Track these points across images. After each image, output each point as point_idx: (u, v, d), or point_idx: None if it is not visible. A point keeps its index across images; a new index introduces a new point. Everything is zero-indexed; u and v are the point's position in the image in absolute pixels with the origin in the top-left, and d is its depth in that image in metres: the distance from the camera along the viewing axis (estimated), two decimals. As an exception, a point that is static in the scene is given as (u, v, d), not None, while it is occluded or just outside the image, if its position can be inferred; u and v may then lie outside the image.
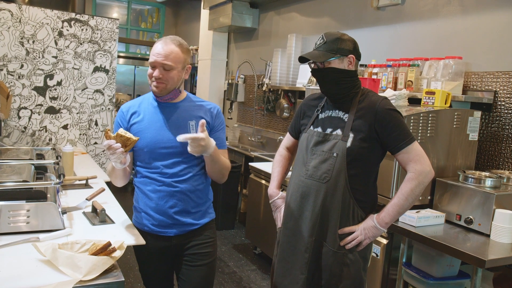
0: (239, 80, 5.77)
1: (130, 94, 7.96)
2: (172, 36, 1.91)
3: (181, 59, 1.86)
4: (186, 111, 1.94)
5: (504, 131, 2.68)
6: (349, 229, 1.83)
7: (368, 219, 1.84)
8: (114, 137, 1.72)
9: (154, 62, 1.83)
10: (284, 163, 2.19)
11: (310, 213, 1.87)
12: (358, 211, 1.84)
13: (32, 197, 1.83)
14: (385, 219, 1.80)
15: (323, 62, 1.82)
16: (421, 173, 1.76)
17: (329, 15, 4.26)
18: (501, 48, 2.71)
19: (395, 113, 1.80)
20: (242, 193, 5.21)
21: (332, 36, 1.83)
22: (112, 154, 1.73)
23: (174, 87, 1.88)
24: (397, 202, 1.79)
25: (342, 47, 1.81)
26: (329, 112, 1.92)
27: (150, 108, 1.95)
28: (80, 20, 4.19)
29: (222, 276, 3.73)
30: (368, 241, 1.83)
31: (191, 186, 1.92)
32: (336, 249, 1.83)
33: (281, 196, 2.12)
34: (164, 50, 1.83)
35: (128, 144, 1.74)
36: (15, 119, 4.03)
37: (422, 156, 1.78)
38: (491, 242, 2.19)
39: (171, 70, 1.84)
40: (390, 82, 3.05)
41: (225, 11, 5.43)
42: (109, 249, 1.52)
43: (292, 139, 2.16)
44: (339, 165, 1.80)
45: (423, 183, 1.77)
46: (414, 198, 1.78)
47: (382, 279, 2.52)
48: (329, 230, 1.84)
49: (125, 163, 1.82)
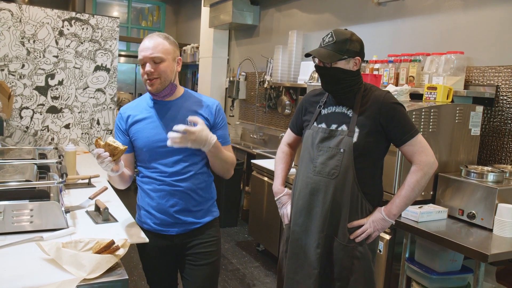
0: (241, 77, 5.76)
1: (132, 92, 7.97)
2: (158, 32, 1.90)
3: (169, 50, 1.84)
4: (184, 108, 1.92)
5: (506, 126, 2.67)
6: (358, 222, 1.85)
7: (376, 212, 1.87)
8: (103, 145, 1.72)
9: (143, 58, 1.81)
10: (287, 159, 2.19)
11: (320, 209, 1.88)
12: (366, 205, 1.87)
13: (35, 197, 1.84)
14: (393, 210, 1.83)
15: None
16: (426, 164, 1.80)
17: (330, 11, 4.25)
18: (503, 42, 2.70)
19: (399, 107, 1.82)
20: (244, 191, 5.21)
21: (342, 35, 1.82)
22: (101, 163, 1.72)
23: (168, 80, 1.86)
24: (404, 193, 1.82)
25: (351, 48, 1.81)
26: (333, 108, 1.92)
27: (147, 108, 1.94)
28: (80, 19, 4.19)
29: (226, 273, 3.74)
30: (377, 233, 1.87)
31: (192, 184, 1.91)
32: (346, 242, 1.85)
33: (287, 193, 2.13)
34: (151, 44, 1.81)
35: (116, 153, 1.73)
36: (17, 119, 4.04)
37: (426, 148, 1.82)
38: (493, 236, 2.19)
39: (161, 63, 1.81)
40: (392, 77, 3.05)
41: (226, 8, 5.42)
42: (112, 248, 1.52)
43: (294, 135, 2.16)
44: (346, 160, 1.82)
45: (428, 174, 1.80)
46: (420, 189, 1.81)
47: (385, 275, 2.52)
48: (339, 224, 1.86)
49: (117, 171, 1.79)
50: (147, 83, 1.85)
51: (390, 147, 1.91)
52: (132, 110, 1.96)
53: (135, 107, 1.97)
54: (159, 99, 1.92)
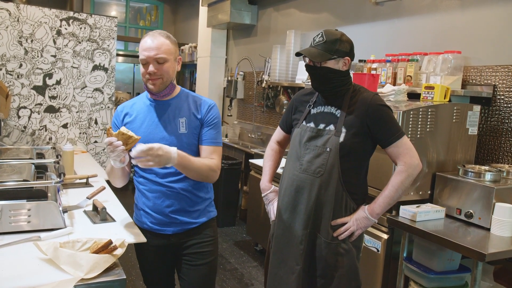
0: (239, 77, 5.76)
1: (130, 92, 7.95)
2: (158, 30, 1.89)
3: (172, 50, 1.84)
4: (177, 108, 1.91)
5: (503, 125, 2.68)
6: (341, 220, 1.88)
7: (359, 210, 1.89)
8: (115, 134, 1.71)
9: (146, 58, 1.80)
10: (275, 157, 2.22)
11: (304, 207, 1.90)
12: (351, 203, 1.89)
13: (33, 196, 1.84)
14: (376, 210, 1.86)
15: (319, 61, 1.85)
16: (410, 166, 1.83)
17: (328, 11, 4.26)
18: (500, 42, 2.70)
19: (386, 109, 1.85)
20: (242, 190, 5.21)
21: (332, 36, 1.85)
22: (112, 152, 1.71)
23: (170, 80, 1.87)
24: (388, 194, 1.85)
25: (340, 48, 1.84)
26: (321, 108, 1.95)
27: (143, 107, 1.94)
28: (78, 19, 4.18)
29: (224, 273, 3.74)
30: (360, 231, 1.89)
31: (187, 185, 1.90)
32: (330, 240, 1.87)
33: (274, 190, 2.16)
34: (154, 43, 1.80)
35: (129, 142, 1.73)
36: (15, 118, 4.04)
37: (411, 150, 1.85)
38: (491, 235, 2.19)
39: (164, 63, 1.81)
40: (389, 77, 3.05)
41: (224, 8, 5.42)
42: (110, 247, 1.52)
43: (283, 133, 2.19)
44: (332, 159, 1.84)
45: (412, 176, 1.84)
46: (403, 190, 1.85)
47: (383, 274, 2.52)
48: (322, 222, 1.88)
49: (124, 162, 1.80)
50: (149, 83, 1.84)
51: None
52: (129, 109, 1.96)
53: (131, 106, 1.97)
54: (157, 99, 1.92)
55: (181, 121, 1.89)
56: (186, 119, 1.89)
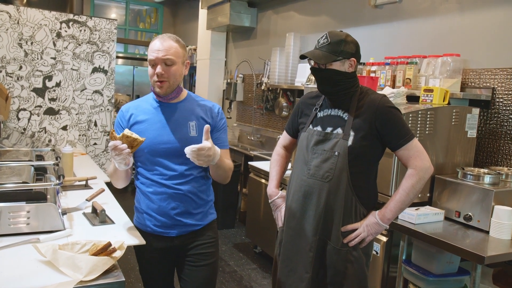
0: (238, 79, 5.77)
1: (129, 94, 7.95)
2: (168, 34, 1.92)
3: (180, 53, 1.87)
4: (186, 111, 1.93)
5: (502, 128, 2.69)
6: (352, 226, 1.84)
7: (370, 216, 1.85)
8: (119, 137, 1.70)
9: (155, 59, 1.82)
10: (282, 162, 2.18)
11: (313, 212, 1.87)
12: (360, 208, 1.85)
13: (32, 198, 1.83)
14: (387, 215, 1.82)
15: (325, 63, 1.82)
16: (422, 169, 1.78)
17: (327, 14, 4.27)
18: (499, 45, 2.71)
19: (395, 111, 1.81)
20: (242, 192, 5.21)
21: (337, 37, 1.81)
22: (117, 155, 1.71)
23: (177, 83, 1.89)
24: (399, 198, 1.80)
25: (345, 49, 1.80)
26: (328, 111, 1.91)
27: (150, 109, 1.94)
28: (78, 21, 4.19)
29: (223, 275, 3.74)
30: (371, 237, 1.84)
31: (192, 187, 1.91)
32: (340, 246, 1.83)
33: (281, 195, 2.11)
34: (163, 46, 1.83)
35: (134, 145, 1.72)
36: (14, 120, 4.04)
37: (422, 153, 1.80)
38: (490, 238, 2.19)
39: (172, 65, 1.83)
40: (389, 80, 3.06)
41: (223, 10, 5.43)
42: (109, 250, 1.52)
43: (289, 138, 2.15)
44: (341, 163, 1.80)
45: (424, 179, 1.79)
46: (415, 193, 1.80)
47: (382, 277, 2.52)
48: (332, 228, 1.84)
49: (129, 164, 1.80)
50: (156, 85, 1.86)
51: (386, 150, 1.91)
52: (134, 110, 1.96)
53: (137, 107, 1.97)
54: (164, 101, 1.93)
55: (191, 125, 1.90)
56: (196, 123, 1.91)
